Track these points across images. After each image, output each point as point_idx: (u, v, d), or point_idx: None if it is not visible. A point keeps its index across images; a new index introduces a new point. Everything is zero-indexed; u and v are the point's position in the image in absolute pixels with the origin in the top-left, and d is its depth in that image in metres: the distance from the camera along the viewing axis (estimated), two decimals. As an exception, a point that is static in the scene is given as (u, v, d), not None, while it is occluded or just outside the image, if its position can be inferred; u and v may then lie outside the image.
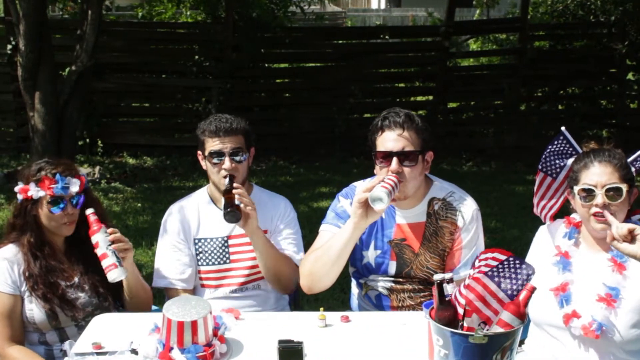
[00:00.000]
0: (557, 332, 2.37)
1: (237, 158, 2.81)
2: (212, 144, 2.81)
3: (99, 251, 2.48)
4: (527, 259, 2.56)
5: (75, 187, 2.60)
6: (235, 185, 2.73)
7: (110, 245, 2.50)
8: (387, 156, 2.58)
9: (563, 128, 2.47)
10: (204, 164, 2.90)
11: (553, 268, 2.41)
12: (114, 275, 2.46)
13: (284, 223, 2.96)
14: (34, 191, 2.58)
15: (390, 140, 2.58)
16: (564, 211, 2.56)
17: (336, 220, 2.76)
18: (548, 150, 2.49)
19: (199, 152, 2.92)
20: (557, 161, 2.48)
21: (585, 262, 2.39)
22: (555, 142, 2.47)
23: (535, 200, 2.59)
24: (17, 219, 2.65)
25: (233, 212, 2.63)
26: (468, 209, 2.71)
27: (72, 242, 2.71)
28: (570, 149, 2.46)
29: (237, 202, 2.65)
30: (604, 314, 2.26)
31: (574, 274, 2.37)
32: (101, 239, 2.49)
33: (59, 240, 2.70)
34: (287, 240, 2.96)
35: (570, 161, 2.45)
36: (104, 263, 2.47)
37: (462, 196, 2.75)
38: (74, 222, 2.64)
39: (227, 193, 2.68)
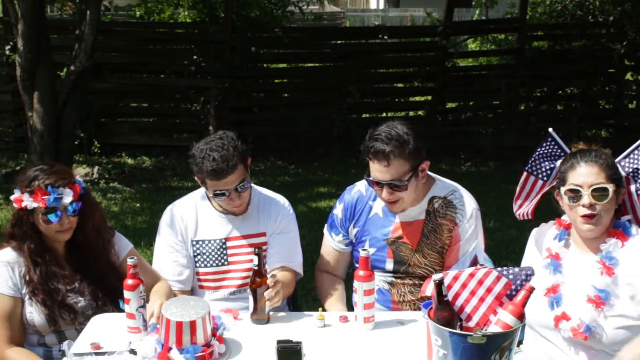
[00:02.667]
0: (549, 334, 2.38)
1: (242, 189, 2.75)
2: (214, 185, 2.72)
3: (126, 308, 2.36)
4: (523, 263, 2.56)
5: (68, 197, 2.57)
6: (268, 281, 2.50)
7: (140, 307, 2.37)
8: (375, 183, 2.65)
9: (550, 129, 2.47)
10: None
11: (544, 270, 2.41)
12: (133, 339, 2.36)
13: (284, 224, 2.96)
14: (28, 202, 2.55)
15: (377, 171, 2.62)
16: (557, 212, 2.55)
17: (330, 229, 2.94)
18: (537, 153, 2.48)
19: (197, 178, 2.80)
20: (546, 163, 2.48)
21: (575, 263, 2.39)
22: (544, 144, 2.47)
23: (520, 202, 2.58)
24: (15, 229, 2.62)
25: (264, 321, 2.53)
26: (468, 207, 2.74)
27: (72, 247, 2.70)
28: (559, 151, 2.46)
29: (266, 309, 2.51)
30: (592, 316, 2.26)
31: (564, 276, 2.38)
32: (133, 298, 2.35)
33: (59, 245, 2.68)
34: (287, 246, 2.95)
35: (559, 162, 2.45)
36: (129, 323, 2.37)
37: (463, 194, 2.78)
38: (70, 229, 2.62)
39: (258, 276, 2.48)
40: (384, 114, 9.73)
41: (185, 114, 9.19)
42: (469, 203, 2.76)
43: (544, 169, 2.47)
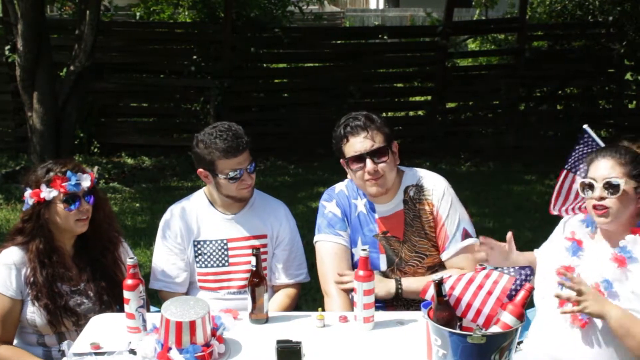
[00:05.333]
0: (552, 318, 2.37)
1: (251, 171, 2.82)
2: (229, 164, 2.75)
3: (126, 308, 2.35)
4: (545, 245, 2.57)
5: (86, 182, 2.60)
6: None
7: (139, 307, 2.36)
8: (360, 159, 2.70)
9: (585, 126, 2.52)
10: (211, 179, 2.83)
11: (565, 252, 2.44)
12: (133, 339, 2.34)
13: (287, 237, 2.97)
14: (46, 192, 2.55)
15: (357, 143, 2.71)
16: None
17: (329, 228, 2.87)
18: (576, 151, 2.53)
19: (202, 170, 2.83)
20: (585, 160, 2.51)
21: (593, 252, 2.41)
22: (582, 142, 2.53)
23: (561, 199, 2.60)
24: (26, 224, 2.60)
25: (263, 320, 2.52)
26: (439, 186, 2.82)
27: (80, 247, 2.70)
28: (595, 145, 2.50)
29: (265, 308, 2.51)
30: None
31: (581, 260, 2.39)
32: (133, 298, 2.33)
33: (68, 244, 2.68)
34: (292, 260, 2.98)
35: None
36: (128, 323, 2.36)
37: (432, 177, 2.86)
38: (88, 218, 2.63)
39: (256, 276, 2.46)
40: (384, 114, 9.72)
41: (185, 114, 9.19)
42: (439, 182, 2.83)
43: (582, 167, 2.51)
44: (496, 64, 10.80)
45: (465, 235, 2.78)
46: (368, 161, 2.69)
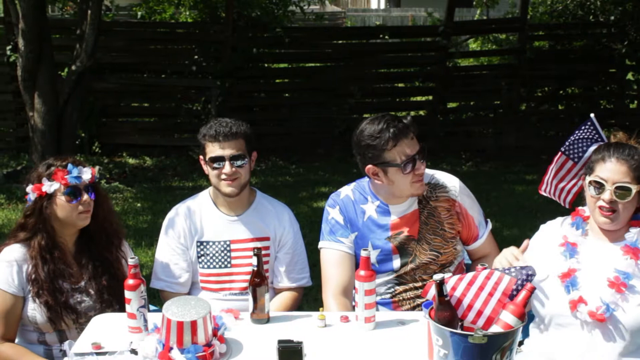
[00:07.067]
0: (563, 322, 2.34)
1: (238, 163, 2.80)
2: (212, 149, 2.80)
3: (128, 308, 2.36)
4: (529, 255, 2.55)
5: (87, 174, 2.61)
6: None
7: (141, 307, 2.36)
8: (411, 161, 2.65)
9: (592, 115, 2.50)
10: (206, 169, 2.89)
11: (560, 257, 2.41)
12: (134, 339, 2.33)
13: (290, 240, 2.97)
14: (48, 186, 2.57)
15: (409, 146, 2.65)
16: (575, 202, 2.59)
17: (332, 235, 2.83)
18: (575, 136, 2.52)
19: (201, 157, 2.90)
20: (581, 146, 2.50)
21: (592, 251, 2.39)
22: (583, 128, 2.51)
23: (549, 179, 2.62)
24: (29, 219, 2.61)
25: (264, 320, 2.51)
26: (454, 181, 2.85)
27: (81, 244, 2.71)
28: (597, 136, 2.49)
29: (266, 308, 2.51)
30: (613, 299, 2.25)
31: (580, 262, 2.37)
32: (134, 298, 2.34)
33: (70, 240, 2.69)
34: (294, 264, 2.99)
35: (593, 148, 2.47)
36: (130, 323, 2.36)
37: (443, 175, 2.87)
38: (89, 211, 2.63)
39: (257, 276, 2.46)
40: (385, 114, 9.69)
41: (186, 114, 9.19)
42: (452, 178, 2.86)
43: (576, 151, 2.51)
44: (497, 64, 10.80)
45: (485, 218, 2.88)
46: (419, 162, 2.67)
